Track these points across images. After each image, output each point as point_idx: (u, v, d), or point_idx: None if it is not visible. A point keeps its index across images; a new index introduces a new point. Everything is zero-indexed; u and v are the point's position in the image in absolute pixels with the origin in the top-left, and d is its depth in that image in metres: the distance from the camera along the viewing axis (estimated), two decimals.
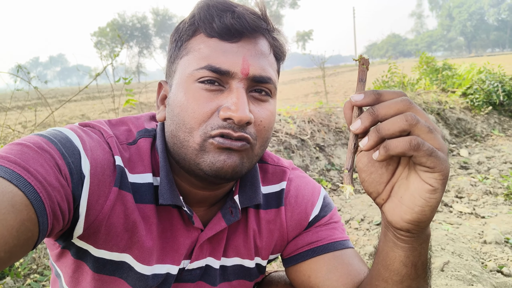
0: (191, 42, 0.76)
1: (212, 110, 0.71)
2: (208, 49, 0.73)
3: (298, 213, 0.91)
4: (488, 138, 6.27)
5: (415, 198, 0.58)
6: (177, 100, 0.74)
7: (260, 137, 0.76)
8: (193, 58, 0.74)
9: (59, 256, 0.82)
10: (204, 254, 0.86)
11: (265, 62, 0.75)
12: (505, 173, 4.19)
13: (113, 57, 3.20)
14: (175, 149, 0.76)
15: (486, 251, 2.34)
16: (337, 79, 21.16)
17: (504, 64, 8.41)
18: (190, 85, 0.73)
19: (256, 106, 0.75)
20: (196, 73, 0.72)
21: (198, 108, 0.71)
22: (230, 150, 0.71)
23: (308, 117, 4.76)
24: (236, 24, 0.72)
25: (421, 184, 0.57)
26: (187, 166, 0.75)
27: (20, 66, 2.90)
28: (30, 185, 0.59)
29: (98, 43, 77.42)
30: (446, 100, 7.02)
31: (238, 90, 0.71)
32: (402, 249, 0.65)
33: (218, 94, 0.72)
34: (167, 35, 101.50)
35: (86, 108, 12.99)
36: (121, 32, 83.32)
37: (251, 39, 0.75)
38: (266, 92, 0.76)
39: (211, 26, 0.73)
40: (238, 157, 0.72)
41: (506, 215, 3.01)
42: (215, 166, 0.71)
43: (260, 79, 0.74)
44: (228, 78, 0.72)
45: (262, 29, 0.76)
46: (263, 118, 0.75)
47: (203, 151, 0.72)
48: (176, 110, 0.74)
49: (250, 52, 0.73)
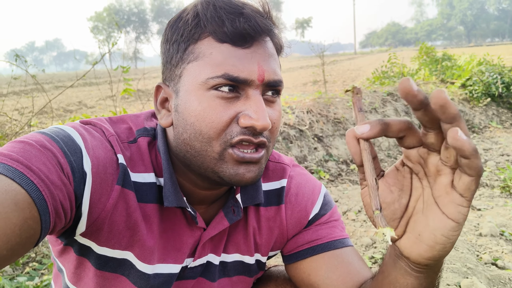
0: (199, 46, 0.72)
1: (230, 118, 0.70)
2: (221, 56, 0.70)
3: (298, 211, 0.91)
4: (486, 130, 6.29)
5: (436, 236, 0.54)
6: (191, 109, 0.71)
7: (272, 138, 0.76)
8: (205, 65, 0.71)
9: (62, 252, 0.82)
10: (206, 251, 0.87)
11: (275, 64, 0.75)
12: (502, 166, 4.22)
13: (112, 45, 3.16)
14: (187, 156, 0.75)
15: (482, 244, 2.37)
16: (336, 67, 21.06)
17: (504, 54, 8.39)
18: (204, 93, 0.71)
19: (269, 108, 0.74)
20: (211, 82, 0.70)
21: (216, 117, 0.70)
22: (249, 163, 0.72)
23: (307, 107, 4.75)
24: (249, 29, 0.69)
25: (444, 221, 0.53)
26: (202, 172, 0.75)
27: (18, 55, 2.86)
28: (32, 183, 0.59)
29: (94, 28, 76.48)
30: (445, 91, 7.00)
31: (256, 97, 0.71)
32: (416, 278, 0.63)
33: (235, 101, 0.71)
34: (164, 21, 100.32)
35: (83, 95, 12.90)
36: (118, 17, 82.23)
37: (261, 42, 0.73)
38: (277, 91, 0.77)
39: (222, 31, 0.70)
40: (257, 167, 0.73)
41: (502, 207, 3.04)
42: (236, 178, 0.72)
43: (274, 84, 0.73)
44: (245, 85, 0.71)
45: (270, 30, 0.74)
46: (275, 119, 0.75)
47: (222, 161, 0.71)
48: (190, 119, 0.72)
49: (262, 57, 0.72)
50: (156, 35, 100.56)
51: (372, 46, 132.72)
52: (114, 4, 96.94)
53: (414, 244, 0.57)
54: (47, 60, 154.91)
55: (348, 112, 5.14)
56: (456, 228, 0.53)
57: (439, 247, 0.55)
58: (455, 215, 0.53)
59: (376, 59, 8.73)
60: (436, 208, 0.55)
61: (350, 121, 5.00)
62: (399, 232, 0.59)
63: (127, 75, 3.30)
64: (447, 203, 0.53)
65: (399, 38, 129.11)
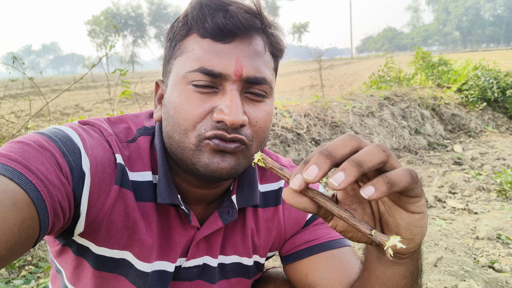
0: (185, 42, 0.75)
1: (206, 112, 0.71)
2: (201, 51, 0.72)
3: (296, 212, 0.91)
4: (482, 134, 6.33)
5: (411, 230, 0.55)
6: (172, 101, 0.74)
7: (256, 137, 0.75)
8: (187, 59, 0.73)
9: (60, 253, 0.82)
10: (201, 252, 0.87)
11: (259, 62, 0.74)
12: (498, 170, 4.24)
13: (109, 48, 3.16)
14: (172, 149, 0.76)
15: (479, 247, 2.38)
16: (333, 72, 21.14)
17: (499, 59, 8.45)
18: (184, 87, 0.73)
19: (251, 106, 0.74)
20: (189, 76, 0.72)
21: (191, 110, 0.71)
22: (224, 152, 0.72)
23: (304, 111, 4.76)
24: (229, 24, 0.70)
25: (411, 216, 0.54)
26: (184, 166, 0.76)
27: (15, 57, 2.86)
28: (31, 183, 0.59)
29: (92, 31, 76.50)
30: (441, 95, 7.05)
31: (231, 92, 0.71)
32: (402, 265, 0.64)
33: (212, 96, 0.72)
34: (161, 25, 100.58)
35: (80, 98, 12.87)
36: (115, 21, 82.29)
37: (245, 38, 0.73)
38: (261, 94, 0.76)
39: (203, 27, 0.72)
40: (233, 159, 0.73)
41: (498, 211, 3.05)
42: (209, 168, 0.72)
43: (254, 80, 0.73)
44: (221, 80, 0.72)
45: (256, 27, 0.74)
46: (259, 118, 0.75)
47: (198, 151, 0.72)
48: (171, 111, 0.74)
49: (243, 53, 0.72)
50: (153, 39, 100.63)
51: (368, 51, 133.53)
52: (112, 8, 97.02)
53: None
54: (43, 63, 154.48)
55: (345, 116, 5.16)
56: (424, 217, 0.55)
57: (417, 236, 0.56)
58: (417, 209, 0.54)
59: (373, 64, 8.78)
60: (397, 208, 0.55)
61: (347, 125, 5.01)
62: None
63: (124, 79, 3.30)
64: (404, 203, 0.54)
65: (395, 43, 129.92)
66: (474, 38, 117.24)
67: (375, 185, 0.47)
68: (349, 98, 5.96)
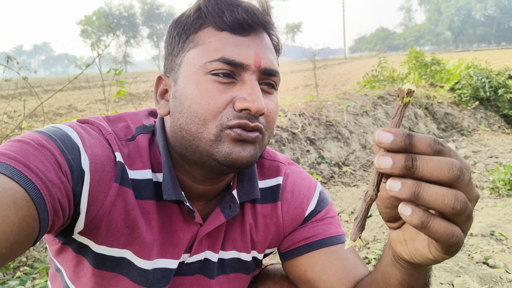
0: (199, 35, 0.76)
1: (226, 101, 0.72)
2: (220, 42, 0.74)
3: (294, 208, 0.92)
4: (475, 132, 6.39)
5: (429, 247, 0.52)
6: (188, 93, 0.74)
7: (269, 128, 0.78)
8: (204, 51, 0.74)
9: (59, 252, 0.82)
10: (203, 248, 0.87)
11: (272, 56, 0.78)
12: (490, 167, 4.29)
13: (104, 48, 3.14)
14: (183, 143, 0.76)
15: (473, 244, 2.41)
16: (327, 72, 21.22)
17: (490, 59, 8.55)
18: (202, 77, 0.73)
19: (265, 98, 0.77)
20: (208, 66, 0.73)
21: (213, 99, 0.72)
22: (245, 141, 0.73)
23: (299, 111, 4.77)
24: (248, 19, 0.73)
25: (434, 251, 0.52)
26: (197, 158, 0.75)
27: (10, 57, 2.83)
28: (31, 182, 0.59)
29: (84, 31, 75.96)
30: (434, 95, 7.11)
31: (252, 82, 0.73)
32: (398, 270, 0.64)
33: (231, 86, 0.73)
34: (154, 25, 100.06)
35: (72, 98, 12.77)
36: (107, 21, 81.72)
37: (259, 33, 0.77)
38: (273, 85, 0.79)
39: (221, 20, 0.74)
40: (252, 148, 0.74)
41: (491, 208, 3.09)
42: (231, 157, 0.72)
43: (270, 72, 0.76)
44: (241, 70, 0.73)
45: (269, 24, 0.78)
46: (272, 109, 0.77)
47: (218, 141, 0.72)
48: (186, 102, 0.74)
49: (259, 46, 0.75)
50: (146, 39, 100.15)
51: (361, 51, 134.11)
52: (104, 8, 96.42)
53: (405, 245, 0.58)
54: (35, 64, 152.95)
55: (339, 115, 5.18)
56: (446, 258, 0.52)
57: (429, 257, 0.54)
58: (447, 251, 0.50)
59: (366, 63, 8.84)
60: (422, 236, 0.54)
61: (342, 124, 5.04)
62: (396, 226, 0.58)
63: (118, 79, 3.28)
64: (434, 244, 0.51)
65: (388, 43, 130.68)
66: (466, 38, 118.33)
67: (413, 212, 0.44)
68: (343, 97, 5.99)
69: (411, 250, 0.56)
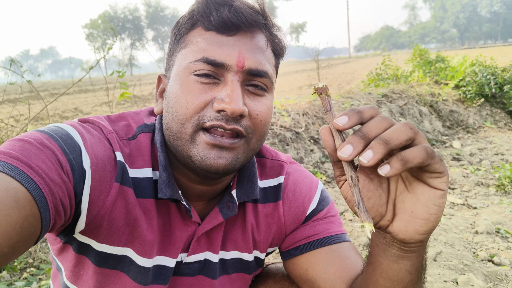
0: (189, 35, 0.77)
1: (206, 102, 0.72)
2: (205, 42, 0.74)
3: (296, 207, 0.92)
4: (480, 130, 6.34)
5: (429, 207, 0.57)
6: (173, 92, 0.75)
7: (257, 131, 0.76)
8: (190, 51, 0.75)
9: (61, 251, 0.82)
10: (202, 248, 0.87)
11: (261, 56, 0.76)
12: (496, 165, 4.25)
13: (107, 50, 3.17)
14: (170, 141, 0.77)
15: (478, 241, 2.39)
16: (331, 71, 21.15)
17: (496, 56, 8.47)
18: (186, 77, 0.74)
19: (252, 100, 0.75)
20: (192, 66, 0.73)
21: (192, 99, 0.72)
22: (222, 148, 0.72)
23: (303, 110, 4.77)
24: (233, 18, 0.72)
25: (433, 192, 0.57)
26: (181, 158, 0.76)
27: (13, 60, 2.87)
28: (32, 181, 0.59)
29: (89, 35, 76.45)
30: (439, 92, 7.06)
31: (232, 83, 0.72)
32: (408, 259, 0.64)
33: (213, 87, 0.73)
34: (159, 27, 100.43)
35: (78, 101, 12.87)
36: (112, 24, 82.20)
37: (248, 33, 0.75)
38: (262, 87, 0.77)
39: (208, 20, 0.74)
40: (231, 154, 0.73)
41: (497, 205, 3.06)
42: (205, 162, 0.72)
43: (256, 73, 0.74)
44: (223, 70, 0.73)
45: (260, 23, 0.76)
46: (259, 111, 0.76)
47: (193, 143, 0.72)
48: (171, 102, 0.75)
49: (246, 46, 0.74)
50: (151, 41, 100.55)
51: (366, 49, 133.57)
52: (109, 11, 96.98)
53: (408, 222, 0.59)
54: (42, 68, 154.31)
55: None
56: (444, 195, 0.57)
57: (433, 217, 0.58)
58: (440, 185, 0.56)
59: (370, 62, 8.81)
60: (420, 183, 0.58)
61: None
62: (389, 217, 0.61)
63: (122, 81, 3.31)
64: (426, 178, 0.57)
65: (393, 41, 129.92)
66: (472, 35, 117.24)
67: (390, 163, 0.51)
68: (347, 96, 5.97)
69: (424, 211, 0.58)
